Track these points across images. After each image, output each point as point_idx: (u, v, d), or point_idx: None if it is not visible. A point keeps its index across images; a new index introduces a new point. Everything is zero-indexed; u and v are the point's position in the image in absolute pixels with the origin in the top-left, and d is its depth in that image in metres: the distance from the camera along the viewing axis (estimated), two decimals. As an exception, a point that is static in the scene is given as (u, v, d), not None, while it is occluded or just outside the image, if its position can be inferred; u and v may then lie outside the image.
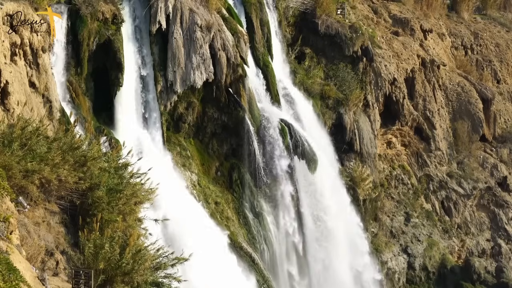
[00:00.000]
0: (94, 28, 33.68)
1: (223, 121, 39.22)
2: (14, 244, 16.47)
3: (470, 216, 54.51)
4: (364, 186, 46.69)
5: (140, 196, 22.16)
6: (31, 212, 19.94)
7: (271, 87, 42.39)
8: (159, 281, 20.11)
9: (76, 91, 33.39)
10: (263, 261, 38.71)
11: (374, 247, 47.61)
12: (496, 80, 62.62)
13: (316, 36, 48.05)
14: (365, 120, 48.08)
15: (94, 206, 20.67)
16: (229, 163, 39.71)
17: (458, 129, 55.72)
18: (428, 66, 54.92)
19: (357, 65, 48.26)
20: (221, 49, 38.00)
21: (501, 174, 56.28)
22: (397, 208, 51.07)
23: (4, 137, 20.16)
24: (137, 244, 19.73)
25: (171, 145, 37.52)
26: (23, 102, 26.51)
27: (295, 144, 40.63)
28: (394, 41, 54.24)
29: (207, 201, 37.50)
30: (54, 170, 20.22)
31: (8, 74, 26.33)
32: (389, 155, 52.58)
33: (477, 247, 53.58)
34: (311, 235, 41.90)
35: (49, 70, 30.26)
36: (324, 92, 46.41)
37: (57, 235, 20.23)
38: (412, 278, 49.78)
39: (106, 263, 18.69)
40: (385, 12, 57.22)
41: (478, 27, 65.05)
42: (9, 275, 14.24)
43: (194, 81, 37.03)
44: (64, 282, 18.62)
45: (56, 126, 28.43)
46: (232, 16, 40.85)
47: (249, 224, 39.10)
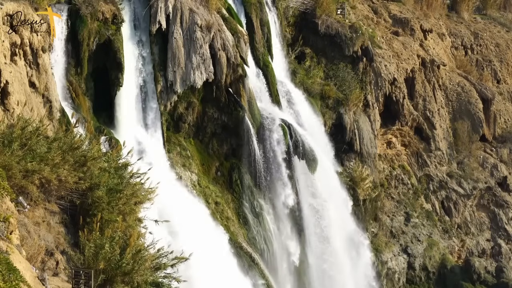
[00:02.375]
0: (94, 28, 33.68)
1: (223, 121, 39.22)
2: (14, 244, 16.47)
3: (470, 216, 54.51)
4: (364, 186, 46.70)
5: (140, 196, 22.17)
6: (31, 212, 19.95)
7: (271, 87, 42.39)
8: (159, 281, 20.13)
9: (76, 91, 33.38)
10: (263, 261, 38.71)
11: (374, 247, 47.62)
12: (496, 80, 62.62)
13: (316, 36, 48.05)
14: (365, 120, 48.08)
15: (94, 206, 20.68)
16: (229, 163, 39.71)
17: (458, 129, 55.72)
18: (428, 66, 54.92)
19: (357, 65, 48.26)
20: (221, 49, 38.00)
21: (501, 174, 56.28)
22: (397, 208, 51.07)
23: (4, 137, 20.16)
24: (137, 244, 19.74)
25: (171, 145, 37.52)
26: (23, 102, 26.52)
27: (295, 144, 40.64)
28: (394, 41, 54.24)
29: (207, 201, 37.51)
30: (54, 170, 20.24)
31: (8, 74, 26.33)
32: (389, 155, 52.59)
33: (477, 247, 53.58)
34: (311, 235, 41.91)
35: (49, 70, 30.26)
36: (324, 92, 46.41)
37: (57, 235, 20.24)
38: (412, 278, 49.79)
39: (106, 263, 18.70)
40: (385, 12, 57.22)
41: (478, 27, 65.05)
42: (9, 275, 14.24)
43: (194, 81, 37.03)
44: (64, 282, 18.62)
45: (56, 126, 28.44)
46: (232, 16, 40.85)
47: (249, 224, 39.11)
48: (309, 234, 41.91)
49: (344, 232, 43.85)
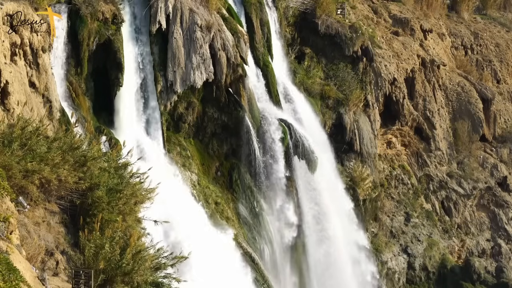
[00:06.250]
0: (94, 28, 33.69)
1: (223, 121, 39.22)
2: (14, 244, 16.48)
3: (470, 216, 54.51)
4: (364, 186, 46.71)
5: (140, 196, 22.17)
6: (31, 212, 19.95)
7: (271, 87, 42.40)
8: (159, 281, 20.14)
9: (76, 91, 33.39)
10: (263, 261, 38.72)
11: (374, 247, 47.62)
12: (496, 80, 62.59)
13: (316, 36, 48.04)
14: (365, 120, 48.08)
15: (94, 206, 20.68)
16: (229, 163, 39.71)
17: (458, 129, 55.71)
18: (428, 66, 54.91)
19: (357, 65, 48.27)
20: (221, 49, 38.01)
21: (501, 174, 56.27)
22: (397, 208, 51.07)
23: (4, 137, 20.17)
24: (137, 244, 19.75)
25: (171, 145, 37.51)
26: (23, 102, 26.52)
27: (295, 144, 40.64)
28: (394, 41, 54.23)
29: (207, 201, 37.51)
30: (54, 170, 20.24)
31: (8, 74, 26.33)
32: (389, 155, 52.59)
33: (477, 247, 53.58)
34: (311, 234, 41.91)
35: (49, 70, 30.26)
36: (324, 92, 46.41)
37: (57, 235, 20.24)
38: (412, 278, 49.79)
39: (106, 263, 18.71)
40: (385, 12, 57.21)
41: (478, 27, 65.03)
42: (9, 275, 14.24)
43: (194, 81, 37.04)
44: (64, 282, 18.63)
45: (56, 126, 28.45)
46: (232, 16, 40.85)
47: (249, 224, 39.11)
48: (309, 234, 41.90)
49: (345, 232, 43.85)
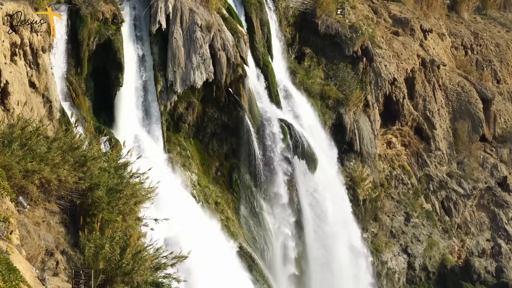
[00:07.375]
0: (94, 28, 33.69)
1: (223, 121, 39.22)
2: (14, 244, 16.48)
3: (470, 216, 54.51)
4: (364, 186, 46.71)
5: (140, 196, 22.17)
6: (31, 212, 19.95)
7: (271, 87, 42.39)
8: (159, 281, 20.13)
9: (76, 91, 33.39)
10: (263, 261, 38.72)
11: (374, 247, 47.62)
12: (496, 80, 62.59)
13: (316, 36, 48.04)
14: (365, 120, 48.08)
15: (94, 206, 20.68)
16: (229, 163, 39.71)
17: (458, 129, 55.71)
18: (428, 66, 54.91)
19: (357, 65, 48.26)
20: (221, 49, 38.01)
21: (501, 174, 56.27)
22: (397, 208, 51.07)
23: (4, 137, 20.16)
24: (137, 245, 19.74)
25: (171, 145, 37.51)
26: (23, 102, 26.51)
27: (295, 144, 40.65)
28: (394, 41, 54.23)
29: (207, 201, 37.51)
30: (54, 170, 20.24)
31: (8, 74, 26.33)
32: (389, 155, 52.58)
33: (477, 247, 53.59)
34: (311, 234, 41.92)
35: (49, 70, 30.26)
36: (324, 92, 46.41)
37: (57, 235, 20.24)
38: (412, 278, 49.79)
39: (106, 263, 18.71)
40: (385, 12, 57.20)
41: (478, 27, 65.02)
42: (9, 275, 14.24)
43: (194, 81, 37.04)
44: (64, 282, 18.63)
45: (56, 126, 28.45)
46: (232, 16, 40.85)
47: (249, 224, 39.12)
48: (309, 234, 41.90)
49: (344, 232, 43.85)
